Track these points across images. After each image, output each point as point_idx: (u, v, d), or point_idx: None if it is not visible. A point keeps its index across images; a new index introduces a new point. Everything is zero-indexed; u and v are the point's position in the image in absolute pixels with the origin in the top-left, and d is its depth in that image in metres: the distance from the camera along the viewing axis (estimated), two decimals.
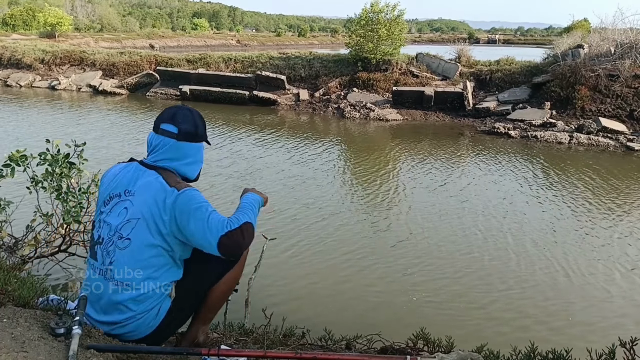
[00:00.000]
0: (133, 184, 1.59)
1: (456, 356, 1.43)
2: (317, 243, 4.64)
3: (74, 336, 1.32)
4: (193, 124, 1.66)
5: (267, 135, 9.66)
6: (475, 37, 59.95)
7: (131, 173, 1.62)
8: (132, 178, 1.60)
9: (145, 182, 1.58)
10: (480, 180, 7.01)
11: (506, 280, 4.04)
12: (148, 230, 1.52)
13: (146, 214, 1.52)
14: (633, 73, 10.81)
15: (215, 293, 1.71)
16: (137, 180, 1.59)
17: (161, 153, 1.63)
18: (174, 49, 33.12)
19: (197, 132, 1.67)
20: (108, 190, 1.62)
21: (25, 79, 15.89)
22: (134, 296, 1.53)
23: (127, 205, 1.56)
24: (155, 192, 1.54)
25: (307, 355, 1.44)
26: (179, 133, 1.62)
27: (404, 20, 14.33)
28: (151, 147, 1.66)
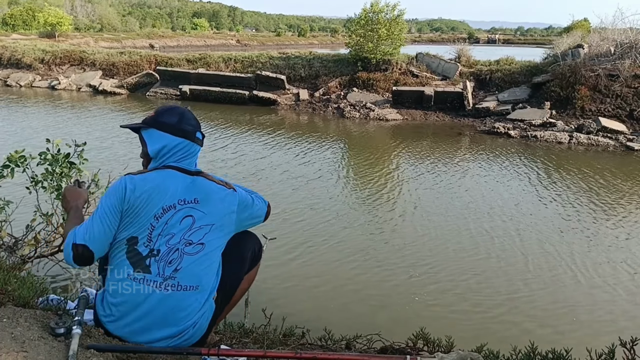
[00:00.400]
0: (188, 192, 1.58)
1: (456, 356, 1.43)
2: (317, 243, 4.64)
3: (74, 336, 1.32)
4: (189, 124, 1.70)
5: (267, 135, 9.66)
6: (475, 37, 59.97)
7: (178, 182, 1.59)
8: (182, 187, 1.58)
9: (203, 190, 1.61)
10: (482, 180, 7.01)
11: (507, 280, 4.04)
12: (222, 233, 1.64)
13: (220, 220, 1.62)
14: (633, 73, 10.82)
15: (238, 291, 1.79)
16: (191, 188, 1.59)
17: (195, 158, 1.68)
18: (174, 48, 33.10)
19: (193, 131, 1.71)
20: (159, 202, 1.54)
21: (25, 79, 15.88)
22: (204, 298, 1.60)
23: (191, 214, 1.57)
24: (220, 198, 1.63)
25: (307, 355, 1.44)
26: (203, 139, 1.72)
27: (403, 20, 14.33)
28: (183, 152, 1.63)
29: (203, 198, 1.60)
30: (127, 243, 1.54)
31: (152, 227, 1.53)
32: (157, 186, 1.55)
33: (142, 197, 1.52)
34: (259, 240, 1.87)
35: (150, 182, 1.55)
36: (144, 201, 1.52)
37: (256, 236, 1.87)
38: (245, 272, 1.79)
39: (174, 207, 1.55)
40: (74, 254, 1.47)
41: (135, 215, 1.53)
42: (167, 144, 1.61)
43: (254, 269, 1.84)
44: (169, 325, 1.55)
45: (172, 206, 1.55)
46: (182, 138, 1.62)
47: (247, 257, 1.77)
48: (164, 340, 1.55)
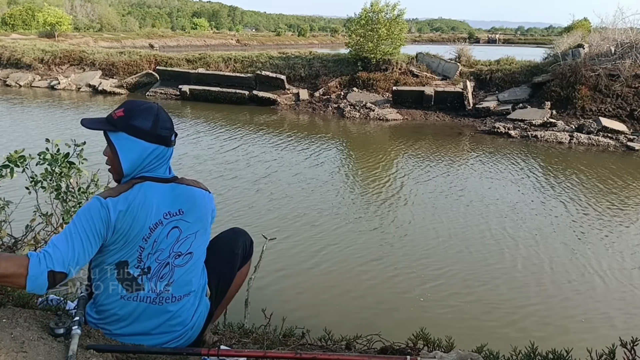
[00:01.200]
0: (170, 204, 1.49)
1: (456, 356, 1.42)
2: (317, 243, 4.64)
3: (73, 336, 1.31)
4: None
5: (267, 135, 9.66)
6: (475, 37, 59.94)
7: (159, 195, 1.47)
8: (164, 199, 1.48)
9: (184, 198, 1.52)
10: (482, 180, 7.01)
11: (507, 280, 4.04)
12: (206, 236, 1.61)
13: (203, 225, 1.59)
14: (633, 73, 10.81)
15: (231, 287, 1.79)
16: (173, 198, 1.50)
17: (169, 163, 1.54)
18: (174, 48, 33.10)
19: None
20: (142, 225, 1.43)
21: (24, 79, 15.88)
22: (197, 299, 1.60)
23: (176, 225, 1.50)
24: (202, 202, 1.58)
25: (307, 356, 1.43)
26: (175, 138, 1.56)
27: (404, 19, 14.33)
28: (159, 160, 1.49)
29: (187, 207, 1.52)
30: (116, 267, 1.46)
31: (142, 248, 1.45)
32: (140, 205, 1.42)
33: (127, 221, 1.40)
34: (249, 237, 1.86)
35: (132, 202, 1.41)
36: (129, 225, 1.41)
37: (246, 232, 1.86)
38: (238, 268, 1.79)
39: (161, 223, 1.47)
40: (49, 282, 1.28)
41: (121, 241, 1.42)
42: (141, 153, 1.44)
43: (245, 265, 1.84)
44: (165, 333, 1.55)
45: (158, 223, 1.46)
46: (157, 144, 1.45)
47: (238, 253, 1.76)
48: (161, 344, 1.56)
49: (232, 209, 5.43)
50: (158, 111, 1.48)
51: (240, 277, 1.83)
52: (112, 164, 1.50)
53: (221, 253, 1.74)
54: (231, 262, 1.76)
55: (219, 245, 1.77)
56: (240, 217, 5.19)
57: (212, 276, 1.70)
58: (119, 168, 1.47)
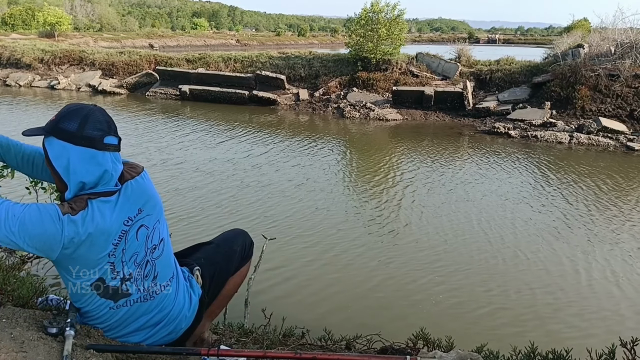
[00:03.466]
0: (127, 210, 1.41)
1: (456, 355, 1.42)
2: (316, 243, 4.64)
3: (67, 337, 1.31)
4: None
5: (267, 135, 9.66)
6: (475, 37, 59.91)
7: (113, 210, 1.37)
8: (120, 211, 1.38)
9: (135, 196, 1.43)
10: (482, 180, 7.01)
11: (507, 281, 4.04)
12: (162, 215, 1.57)
13: (159, 206, 1.54)
14: (633, 73, 10.81)
15: (229, 285, 1.80)
16: (127, 204, 1.41)
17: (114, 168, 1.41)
18: (174, 48, 33.10)
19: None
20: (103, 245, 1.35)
21: (24, 79, 15.88)
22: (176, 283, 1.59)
23: (142, 224, 1.45)
24: (149, 187, 1.50)
25: (307, 356, 1.43)
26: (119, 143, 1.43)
27: (404, 19, 14.33)
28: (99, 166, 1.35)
29: (143, 202, 1.45)
30: (94, 288, 1.40)
31: (112, 263, 1.39)
32: (98, 229, 1.32)
33: (86, 243, 1.31)
34: (250, 237, 1.88)
35: (89, 226, 1.30)
36: (87, 250, 1.32)
37: (247, 233, 1.89)
38: (235, 266, 1.80)
39: (124, 232, 1.39)
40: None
41: (83, 264, 1.34)
42: (70, 158, 1.32)
43: (245, 265, 1.85)
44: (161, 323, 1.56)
45: (122, 234, 1.38)
46: (86, 147, 1.32)
47: (237, 250, 1.79)
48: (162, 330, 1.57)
49: (232, 208, 5.43)
50: (90, 112, 1.36)
51: (240, 277, 1.85)
52: (53, 177, 1.38)
53: (220, 247, 1.78)
54: (228, 256, 1.79)
55: (220, 240, 1.83)
56: (239, 217, 5.19)
57: (207, 267, 1.71)
58: (59, 183, 1.37)
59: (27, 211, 1.26)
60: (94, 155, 1.33)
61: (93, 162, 1.33)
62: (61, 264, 1.36)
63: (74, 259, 1.33)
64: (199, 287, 1.67)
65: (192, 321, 1.65)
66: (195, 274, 1.67)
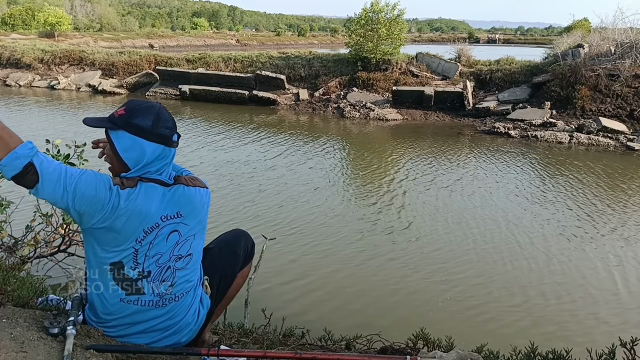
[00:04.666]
0: (170, 207, 1.47)
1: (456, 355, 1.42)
2: (316, 242, 4.64)
3: (68, 336, 1.32)
4: None
5: (267, 135, 9.66)
6: (475, 37, 59.92)
7: (159, 198, 1.45)
8: (163, 202, 1.46)
9: (184, 200, 1.50)
10: (482, 181, 7.01)
11: (507, 281, 4.04)
12: (203, 235, 1.61)
13: (202, 226, 1.59)
14: (633, 73, 10.81)
15: (232, 287, 1.80)
16: (173, 202, 1.48)
17: (170, 166, 1.54)
18: (174, 48, 33.09)
19: None
20: (137, 225, 1.42)
21: (24, 79, 15.88)
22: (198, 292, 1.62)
23: (176, 229, 1.49)
24: (201, 202, 1.56)
25: (307, 356, 1.43)
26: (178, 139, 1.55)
27: (403, 19, 14.33)
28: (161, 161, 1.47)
29: (187, 211, 1.51)
30: (111, 269, 1.44)
31: (136, 250, 1.44)
32: (138, 208, 1.40)
33: (121, 218, 1.38)
34: (251, 238, 1.88)
35: (132, 203, 1.39)
36: (122, 223, 1.39)
37: (248, 234, 1.88)
38: (239, 268, 1.81)
39: (157, 225, 1.45)
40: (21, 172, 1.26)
41: (113, 237, 1.41)
42: (142, 152, 1.43)
43: (247, 266, 1.86)
44: (168, 329, 1.56)
45: (155, 226, 1.44)
46: (157, 144, 1.44)
47: (240, 254, 1.78)
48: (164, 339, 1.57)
49: (232, 209, 5.43)
50: (160, 110, 1.47)
51: (241, 278, 1.85)
52: (111, 163, 1.49)
53: (223, 253, 1.76)
54: (233, 262, 1.78)
55: (222, 245, 1.80)
56: (239, 217, 5.19)
57: (214, 275, 1.71)
58: (119, 167, 1.46)
59: (85, 174, 1.37)
60: (163, 151, 1.46)
61: (161, 157, 1.46)
62: (94, 233, 1.42)
63: (106, 231, 1.39)
64: (207, 298, 1.67)
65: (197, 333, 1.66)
66: (205, 284, 1.67)
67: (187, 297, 1.58)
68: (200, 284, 1.64)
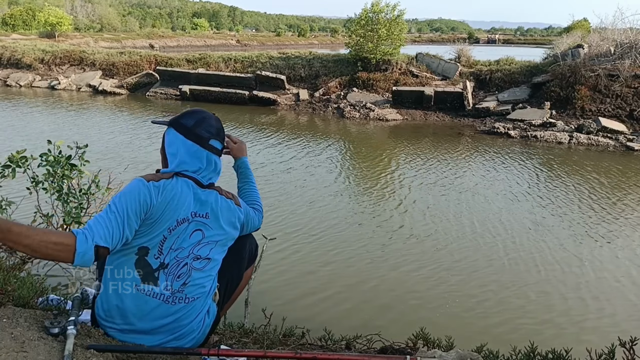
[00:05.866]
0: (200, 206, 1.56)
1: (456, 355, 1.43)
2: (316, 243, 4.64)
3: (68, 336, 1.32)
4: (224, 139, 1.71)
5: (267, 135, 9.67)
6: (475, 37, 59.93)
7: (191, 195, 1.55)
8: (195, 200, 1.56)
9: (214, 205, 1.60)
10: (482, 181, 7.01)
11: (507, 281, 4.04)
12: (225, 247, 1.67)
13: (224, 236, 1.63)
14: (633, 73, 10.82)
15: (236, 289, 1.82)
16: (203, 202, 1.57)
17: (211, 171, 1.63)
18: (174, 48, 33.11)
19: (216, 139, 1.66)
20: (174, 215, 1.50)
21: (25, 79, 15.89)
22: (208, 301, 1.64)
23: (200, 228, 1.56)
24: (229, 215, 1.64)
25: (307, 355, 1.44)
26: (222, 150, 1.69)
27: (403, 20, 14.34)
28: (199, 160, 1.58)
29: (214, 214, 1.59)
30: (137, 253, 1.49)
31: (164, 238, 1.50)
32: (174, 197, 1.50)
33: (159, 208, 1.47)
34: (254, 240, 1.89)
35: (168, 192, 1.49)
36: (161, 212, 1.48)
37: (252, 235, 1.88)
38: (244, 270, 1.83)
39: (187, 220, 1.53)
40: (96, 256, 1.35)
41: (150, 225, 1.48)
42: (178, 147, 1.58)
43: (250, 267, 1.88)
44: (174, 333, 1.56)
45: (185, 219, 1.53)
46: (193, 142, 1.57)
47: (245, 257, 1.81)
48: (167, 343, 1.56)
49: None
50: (206, 116, 1.64)
51: (245, 279, 1.86)
52: (161, 157, 1.68)
53: (228, 257, 1.76)
54: (239, 265, 1.79)
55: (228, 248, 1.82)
56: None
57: (221, 280, 1.72)
58: (164, 162, 1.65)
59: (122, 196, 1.45)
60: (198, 151, 1.58)
61: (195, 156, 1.58)
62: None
63: (145, 220, 1.47)
64: (215, 307, 1.68)
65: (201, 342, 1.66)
66: (215, 291, 1.67)
67: (198, 302, 1.58)
68: (211, 294, 1.65)
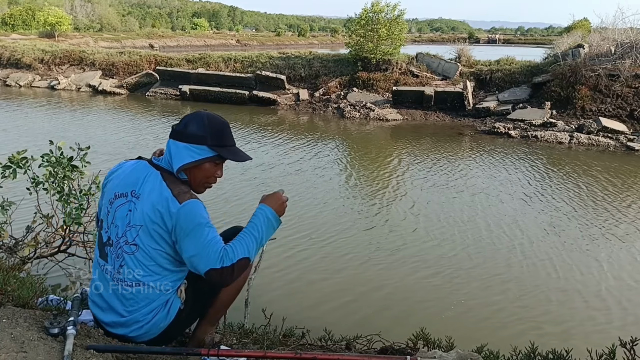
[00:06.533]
0: (140, 185, 1.55)
1: (456, 355, 1.43)
2: (316, 243, 4.64)
3: (68, 336, 1.32)
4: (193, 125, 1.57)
5: (267, 135, 9.66)
6: (475, 37, 59.92)
7: (138, 172, 1.58)
8: (139, 178, 1.56)
9: (151, 186, 1.53)
10: (481, 181, 7.00)
11: (507, 281, 4.04)
12: (151, 237, 1.52)
13: (147, 223, 1.51)
14: (633, 73, 10.81)
15: (225, 293, 1.73)
16: (144, 182, 1.55)
17: (171, 156, 1.58)
18: (174, 48, 33.09)
19: (184, 131, 1.57)
20: (115, 188, 1.58)
21: (24, 79, 15.88)
22: (141, 297, 1.57)
23: (131, 208, 1.54)
24: (158, 201, 1.50)
25: (307, 356, 1.44)
26: (172, 131, 1.63)
27: (404, 20, 14.34)
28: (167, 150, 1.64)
29: (143, 195, 1.52)
30: (98, 225, 1.64)
31: (108, 211, 1.58)
32: (123, 173, 1.60)
33: (110, 181, 1.62)
34: None
35: (121, 169, 1.63)
36: (110, 185, 1.61)
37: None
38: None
39: (125, 195, 1.55)
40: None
41: (101, 197, 1.64)
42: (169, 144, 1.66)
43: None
44: (114, 312, 1.59)
45: (123, 194, 1.56)
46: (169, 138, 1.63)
47: None
48: (113, 325, 1.59)
49: (231, 208, 5.43)
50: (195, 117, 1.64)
51: (237, 283, 1.78)
52: None
53: None
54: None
55: None
56: (239, 217, 5.19)
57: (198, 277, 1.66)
58: None
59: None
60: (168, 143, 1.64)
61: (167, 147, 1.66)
62: None
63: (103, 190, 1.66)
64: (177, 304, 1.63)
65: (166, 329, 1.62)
66: (180, 288, 1.64)
67: (141, 292, 1.55)
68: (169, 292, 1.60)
